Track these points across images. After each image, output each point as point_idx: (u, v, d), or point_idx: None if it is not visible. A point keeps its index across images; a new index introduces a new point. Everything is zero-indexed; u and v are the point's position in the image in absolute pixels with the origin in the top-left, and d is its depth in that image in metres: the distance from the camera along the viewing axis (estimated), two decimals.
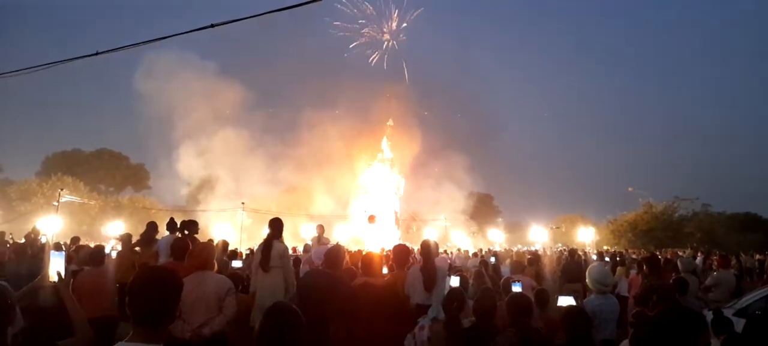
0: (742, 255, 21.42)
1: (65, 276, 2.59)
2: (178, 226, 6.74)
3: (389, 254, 7.04)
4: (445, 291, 4.46)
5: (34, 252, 8.23)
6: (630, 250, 26.65)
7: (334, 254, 4.69)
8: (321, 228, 9.09)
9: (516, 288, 4.66)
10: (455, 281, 5.00)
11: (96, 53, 5.48)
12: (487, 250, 19.01)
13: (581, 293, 7.57)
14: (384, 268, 5.71)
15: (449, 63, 59.18)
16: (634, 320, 3.56)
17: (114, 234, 25.45)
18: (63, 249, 9.41)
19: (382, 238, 28.26)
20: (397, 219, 38.89)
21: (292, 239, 23.55)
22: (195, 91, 40.03)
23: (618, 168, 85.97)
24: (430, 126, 44.80)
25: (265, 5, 5.14)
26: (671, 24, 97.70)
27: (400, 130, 42.88)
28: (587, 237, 34.52)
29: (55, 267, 2.54)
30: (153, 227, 7.04)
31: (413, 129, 42.73)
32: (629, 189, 40.64)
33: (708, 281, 7.51)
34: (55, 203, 29.39)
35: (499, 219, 53.87)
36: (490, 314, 3.58)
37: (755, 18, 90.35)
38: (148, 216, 24.81)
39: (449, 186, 42.56)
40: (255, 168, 39.54)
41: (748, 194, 78.76)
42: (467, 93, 54.94)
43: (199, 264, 4.02)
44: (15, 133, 58.74)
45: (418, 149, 42.54)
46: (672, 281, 5.62)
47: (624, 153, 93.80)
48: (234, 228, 31.94)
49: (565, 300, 4.24)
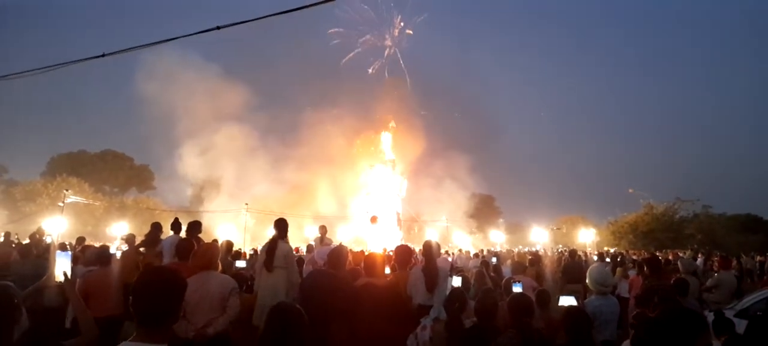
0: (742, 256, 21.35)
1: (72, 276, 2.62)
2: (182, 226, 6.80)
3: (391, 254, 7.08)
4: (447, 292, 4.50)
5: (39, 252, 8.30)
6: (631, 251, 26.58)
7: (336, 254, 4.72)
8: (324, 229, 9.12)
9: (517, 289, 4.69)
10: (457, 282, 5.04)
11: (102, 55, 5.53)
12: (488, 250, 19.01)
13: (582, 294, 7.60)
14: (386, 268, 5.73)
15: (450, 65, 59.04)
16: (635, 321, 3.58)
17: (119, 235, 25.62)
18: (68, 249, 9.49)
19: (384, 238, 28.32)
20: (399, 220, 38.91)
21: (295, 240, 23.54)
22: (199, 93, 40.22)
23: (619, 169, 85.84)
24: (431, 127, 44.84)
25: (269, 7, 5.18)
26: (672, 25, 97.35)
27: (401, 131, 42.93)
28: (588, 238, 34.52)
29: (61, 267, 2.57)
30: (157, 228, 7.09)
31: (415, 130, 42.79)
32: (630, 190, 40.73)
33: (709, 283, 7.51)
34: (60, 204, 29.51)
35: (500, 220, 53.84)
36: (491, 314, 3.60)
37: (756, 18, 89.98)
38: (152, 217, 24.95)
39: (451, 187, 42.57)
40: (258, 169, 39.65)
41: (748, 195, 78.28)
42: (468, 95, 54.91)
43: (203, 264, 4.06)
44: (20, 135, 58.95)
45: (420, 150, 42.57)
46: (672, 282, 5.63)
47: (625, 154, 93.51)
48: (237, 229, 32.01)
49: (567, 300, 4.26)
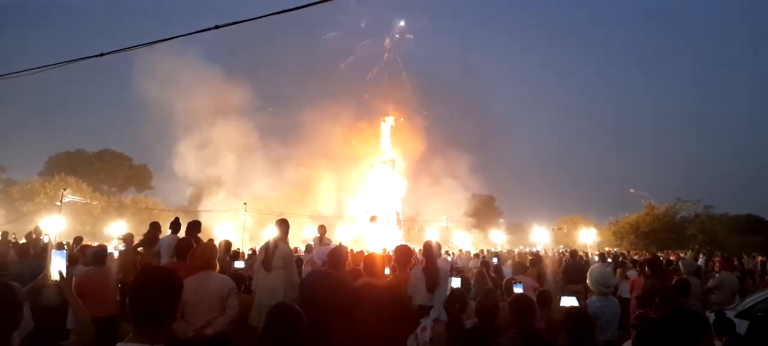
0: (744, 257, 21.35)
1: (68, 275, 2.59)
2: (181, 226, 6.76)
3: (391, 254, 7.05)
4: (447, 292, 4.47)
5: (36, 252, 8.27)
6: (632, 251, 26.57)
7: (336, 254, 4.70)
8: (323, 229, 9.07)
9: (518, 289, 4.66)
10: (457, 282, 5.01)
11: (101, 54, 5.50)
12: (488, 251, 18.99)
13: (583, 295, 7.57)
14: (386, 269, 5.71)
15: (450, 66, 59.17)
16: (636, 321, 3.56)
17: (117, 234, 25.57)
18: (65, 249, 9.45)
19: (384, 238, 28.30)
20: (399, 220, 38.87)
21: (294, 240, 23.56)
22: (197, 92, 40.25)
23: (620, 169, 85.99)
24: (431, 127, 44.84)
25: (269, 7, 5.15)
26: (672, 25, 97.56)
27: (401, 131, 42.91)
28: (589, 238, 34.51)
29: (57, 267, 2.53)
30: (156, 228, 7.05)
31: (415, 130, 42.78)
32: (631, 190, 40.58)
33: (710, 283, 7.48)
34: (58, 203, 29.48)
35: (501, 220, 53.82)
36: (492, 314, 3.57)
37: (757, 18, 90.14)
38: (150, 216, 24.90)
39: (451, 187, 42.59)
40: (257, 168, 39.67)
41: (750, 195, 78.46)
42: (469, 95, 55.02)
43: (202, 264, 4.03)
44: (18, 134, 58.83)
45: (420, 150, 42.59)
46: (674, 283, 5.61)
47: (626, 154, 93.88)
48: (236, 229, 31.98)
49: (568, 301, 4.24)
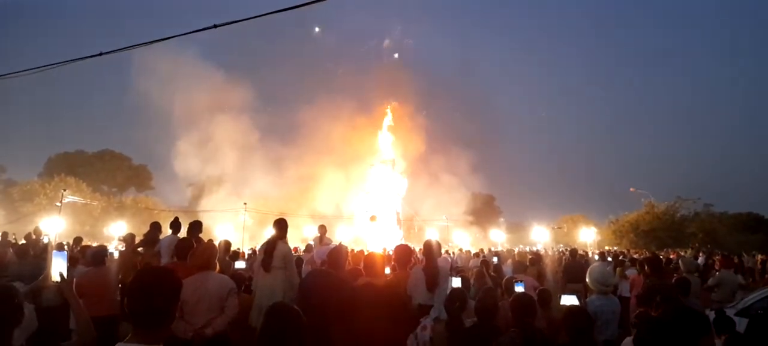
0: (743, 255, 21.36)
1: (69, 276, 2.57)
2: (181, 226, 6.76)
3: (391, 254, 7.04)
4: (447, 291, 4.47)
5: (36, 252, 8.26)
6: (632, 250, 26.57)
7: (336, 254, 4.70)
8: (323, 228, 9.07)
9: (519, 288, 4.66)
10: (457, 282, 5.01)
11: (100, 54, 5.50)
12: (488, 250, 18.99)
13: (583, 293, 7.57)
14: (386, 268, 5.70)
15: (451, 66, 59.23)
16: (637, 320, 3.55)
17: (117, 235, 25.58)
18: (65, 249, 9.45)
19: (384, 238, 28.30)
20: (399, 219, 38.86)
21: (294, 240, 23.58)
22: (197, 92, 40.19)
23: (620, 168, 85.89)
24: (431, 127, 44.80)
25: (267, 6, 5.15)
26: (673, 24, 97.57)
27: (401, 130, 42.88)
28: (589, 237, 34.52)
29: (57, 267, 2.51)
30: (156, 228, 7.05)
31: (415, 130, 42.75)
32: (631, 189, 40.50)
33: (710, 282, 7.49)
34: (58, 204, 29.47)
35: (501, 219, 53.82)
36: (491, 313, 3.57)
37: (759, 17, 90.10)
38: (150, 217, 24.92)
39: (451, 186, 42.55)
40: (257, 168, 39.65)
41: (750, 194, 78.56)
42: (469, 94, 54.98)
43: (202, 264, 4.03)
44: (18, 134, 58.81)
45: (420, 150, 42.55)
46: (674, 282, 5.61)
47: (626, 153, 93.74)
48: (236, 229, 31.98)
49: (568, 300, 4.24)
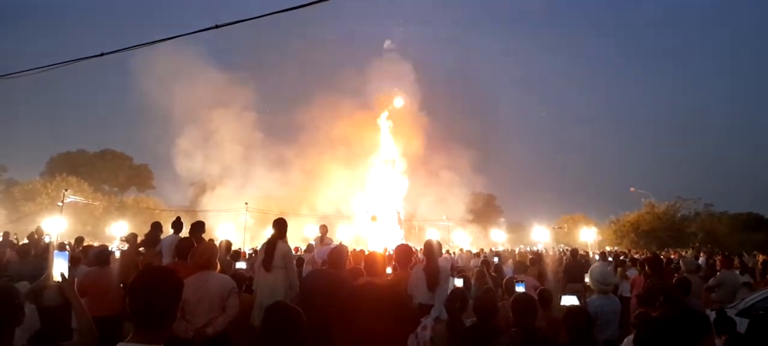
0: (744, 255, 21.33)
1: (70, 276, 2.56)
2: (183, 226, 6.77)
3: (392, 254, 7.05)
4: (448, 291, 4.48)
5: (37, 252, 8.28)
6: (632, 250, 26.55)
7: (337, 253, 4.71)
8: (324, 228, 9.10)
9: (519, 288, 4.67)
10: (458, 282, 5.02)
11: (101, 54, 5.51)
12: (489, 250, 19.01)
13: (583, 293, 7.57)
14: (388, 268, 5.71)
15: (452, 64, 59.18)
16: (637, 320, 3.56)
17: (118, 234, 25.61)
18: (67, 249, 9.47)
19: (385, 238, 28.33)
20: (400, 219, 38.89)
21: (295, 239, 23.60)
22: (198, 92, 40.21)
23: (620, 168, 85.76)
24: (432, 126, 44.77)
25: (269, 6, 5.16)
26: (674, 24, 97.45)
27: (402, 130, 42.87)
28: (589, 237, 34.51)
29: (59, 268, 2.50)
30: (157, 228, 7.05)
31: (416, 129, 42.74)
32: (631, 189, 40.48)
33: (711, 282, 7.48)
34: (60, 204, 29.55)
35: (502, 219, 53.80)
36: (491, 313, 3.58)
37: (759, 16, 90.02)
38: (152, 216, 24.97)
39: (451, 186, 42.55)
40: (258, 168, 39.67)
41: (750, 194, 78.53)
42: (469, 94, 54.99)
43: (202, 264, 4.04)
44: (19, 134, 58.93)
45: (420, 150, 42.55)
46: (675, 282, 5.62)
47: (626, 153, 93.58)
48: (237, 229, 32.01)
49: (568, 300, 4.25)
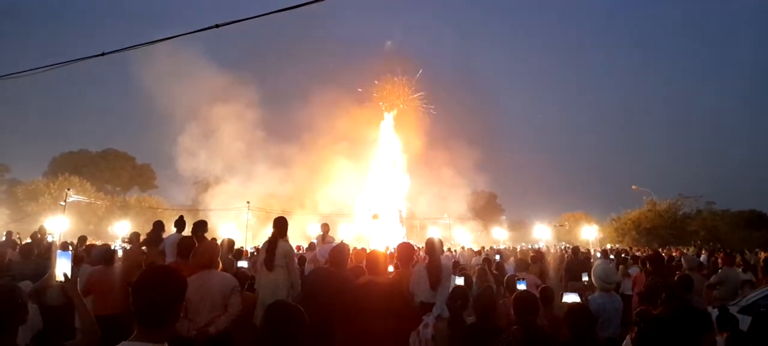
0: (746, 252, 21.26)
1: (73, 276, 2.55)
2: (185, 225, 6.78)
3: (394, 252, 7.05)
4: (450, 289, 4.48)
5: (40, 252, 8.30)
6: (634, 248, 26.50)
7: (338, 252, 4.71)
8: (326, 227, 9.11)
9: (521, 286, 4.67)
10: (460, 280, 5.02)
11: (102, 54, 5.51)
12: (490, 248, 19.01)
13: (583, 291, 7.56)
14: (389, 266, 5.72)
15: (453, 65, 59.12)
16: (637, 318, 3.56)
17: (121, 234, 25.69)
18: (70, 249, 9.50)
19: (386, 236, 28.34)
20: (402, 218, 38.91)
21: (297, 238, 23.63)
22: (199, 91, 40.30)
23: (622, 166, 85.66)
24: (434, 125, 44.77)
25: (269, 5, 5.15)
26: (675, 21, 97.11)
27: (405, 128, 42.89)
28: (591, 235, 34.46)
29: (61, 267, 2.50)
30: (159, 227, 7.07)
31: (417, 128, 42.75)
32: (633, 187, 40.35)
33: (712, 279, 7.46)
34: (62, 203, 29.61)
35: (503, 217, 53.81)
36: (490, 311, 3.60)
37: (760, 15, 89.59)
38: (154, 216, 24.99)
39: (453, 184, 42.56)
40: (260, 167, 39.73)
41: (752, 191, 78.18)
42: (471, 92, 54.94)
43: (204, 263, 4.05)
44: (22, 134, 59.20)
45: (422, 148, 42.57)
46: (677, 279, 5.62)
47: (628, 151, 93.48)
48: (239, 228, 32.06)
49: (571, 297, 4.24)
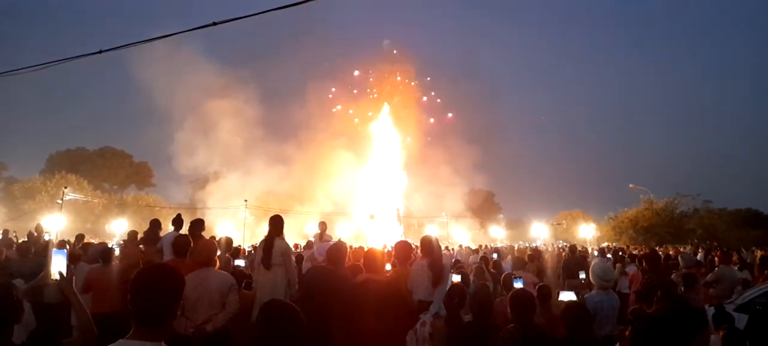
0: (742, 251, 21.35)
1: (69, 273, 2.53)
2: (183, 223, 6.78)
3: (391, 251, 7.06)
4: (447, 287, 4.49)
5: (37, 250, 8.28)
6: (631, 246, 26.58)
7: (336, 250, 4.72)
8: (323, 225, 9.11)
9: (518, 284, 4.67)
10: (456, 278, 5.03)
11: (99, 51, 5.50)
12: (487, 246, 19.04)
13: (580, 289, 7.58)
14: (387, 264, 5.72)
15: (453, 62, 59.20)
16: (631, 316, 3.58)
17: (118, 232, 25.63)
18: (67, 247, 9.47)
19: (384, 235, 28.35)
20: (399, 216, 38.92)
21: (295, 237, 23.63)
22: (197, 89, 40.19)
23: (619, 164, 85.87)
24: (431, 123, 44.79)
25: (266, 3, 5.15)
26: (672, 20, 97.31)
27: (402, 126, 42.89)
28: (588, 233, 34.55)
29: (57, 266, 2.47)
30: (156, 225, 7.07)
31: (415, 126, 42.76)
32: (630, 186, 40.42)
33: (709, 277, 7.50)
34: (59, 201, 29.50)
35: (500, 216, 53.89)
36: (486, 309, 3.61)
37: (758, 15, 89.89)
38: (151, 214, 24.94)
39: (450, 182, 42.58)
40: (258, 165, 39.66)
41: (749, 190, 78.54)
42: (470, 91, 54.88)
43: (202, 261, 4.06)
44: (19, 132, 58.96)
45: (420, 146, 42.59)
46: (681, 276, 5.66)
47: (625, 149, 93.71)
48: (236, 226, 32.00)
49: (566, 295, 4.26)
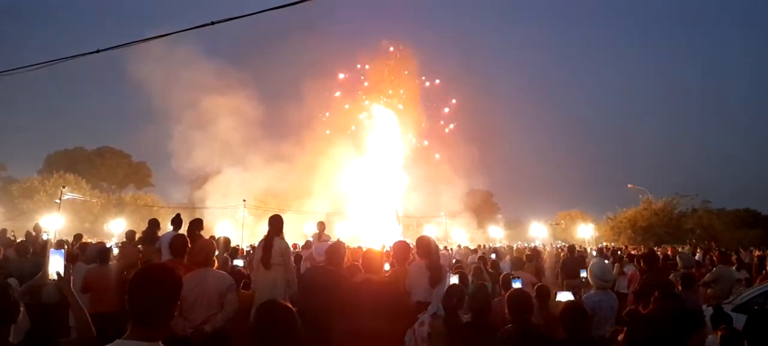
0: (741, 251, 21.40)
1: (66, 273, 2.52)
2: (182, 223, 6.77)
3: (390, 251, 7.06)
4: (445, 287, 4.49)
5: (36, 250, 8.27)
6: (630, 246, 26.62)
7: (335, 250, 4.72)
8: (322, 225, 9.10)
9: (516, 284, 4.68)
10: (454, 278, 5.03)
11: (97, 51, 5.50)
12: (485, 246, 19.06)
13: (579, 289, 7.59)
14: (386, 264, 5.72)
15: (452, 61, 58.98)
16: (626, 317, 3.58)
17: (117, 231, 25.59)
18: (65, 247, 9.46)
19: (382, 234, 28.36)
20: (398, 216, 38.90)
21: (294, 236, 23.59)
22: (195, 88, 40.01)
23: (617, 165, 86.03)
24: (430, 123, 44.71)
25: (265, 2, 5.15)
26: (672, 20, 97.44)
27: (401, 126, 42.82)
28: (587, 233, 34.61)
29: (55, 266, 2.46)
30: (154, 225, 7.05)
31: (414, 125, 42.72)
32: (629, 186, 40.49)
33: (707, 277, 7.51)
34: (58, 201, 29.45)
35: (499, 216, 53.90)
36: (485, 309, 3.61)
37: (758, 15, 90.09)
38: (150, 213, 24.92)
39: (449, 182, 42.55)
40: (256, 165, 39.58)
41: (747, 190, 78.74)
42: (470, 90, 54.90)
43: (200, 261, 4.05)
44: (17, 132, 58.91)
45: (418, 146, 42.56)
46: (680, 276, 5.67)
47: (624, 150, 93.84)
48: (235, 226, 31.98)
49: (564, 295, 4.26)
